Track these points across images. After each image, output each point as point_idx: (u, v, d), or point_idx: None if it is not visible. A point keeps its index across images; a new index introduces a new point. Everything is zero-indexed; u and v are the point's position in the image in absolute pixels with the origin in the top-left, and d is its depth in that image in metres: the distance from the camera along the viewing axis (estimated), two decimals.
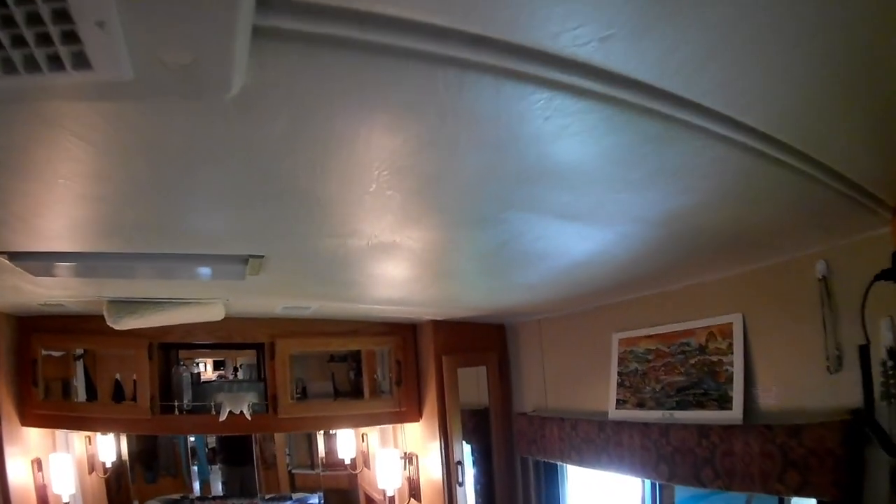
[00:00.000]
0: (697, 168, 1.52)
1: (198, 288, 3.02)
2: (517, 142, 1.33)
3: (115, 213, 1.69)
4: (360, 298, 3.46)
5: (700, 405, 2.87)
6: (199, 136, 1.21)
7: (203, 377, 5.33)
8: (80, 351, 4.43)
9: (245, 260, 2.18)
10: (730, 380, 2.74)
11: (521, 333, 4.56)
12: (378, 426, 5.00)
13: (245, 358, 5.51)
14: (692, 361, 2.96)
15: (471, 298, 3.57)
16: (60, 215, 1.70)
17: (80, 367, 4.49)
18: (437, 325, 4.45)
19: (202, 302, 3.40)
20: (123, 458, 5.05)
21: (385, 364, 4.96)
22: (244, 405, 4.36)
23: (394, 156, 1.37)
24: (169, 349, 4.63)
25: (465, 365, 4.51)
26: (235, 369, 5.60)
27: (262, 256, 2.19)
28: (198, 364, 5.40)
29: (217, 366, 5.69)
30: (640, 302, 3.38)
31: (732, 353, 2.76)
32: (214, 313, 3.65)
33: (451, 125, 1.23)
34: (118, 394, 4.54)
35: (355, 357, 5.27)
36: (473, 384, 4.60)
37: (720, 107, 1.21)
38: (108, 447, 4.85)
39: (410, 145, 1.31)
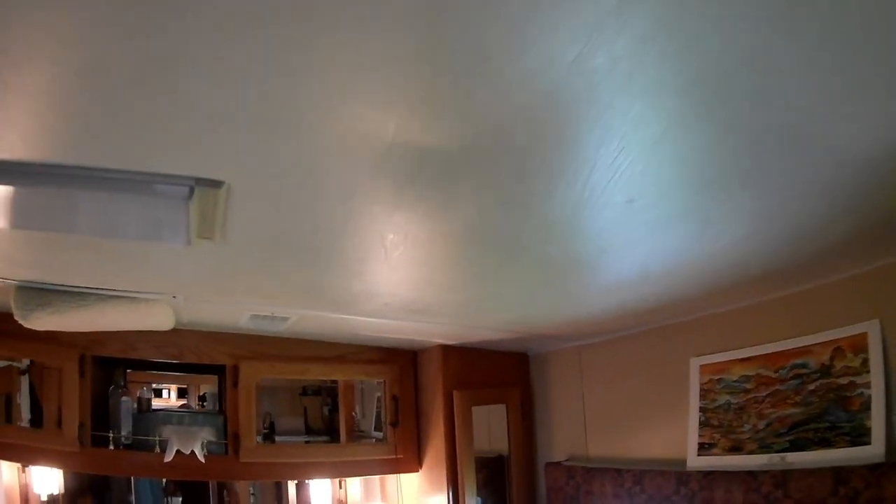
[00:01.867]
0: None
1: (130, 269, 2.14)
2: None
3: None
4: (358, 301, 2.57)
5: (825, 443, 2.32)
6: None
7: (154, 405, 4.33)
8: (25, 362, 3.52)
9: (191, 188, 1.28)
10: (866, 406, 2.23)
11: (550, 364, 3.80)
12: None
13: (210, 385, 4.54)
14: (811, 387, 2.42)
15: (507, 308, 2.71)
16: None
17: (24, 383, 3.57)
18: (447, 351, 3.64)
19: (140, 298, 2.48)
20: (62, 489, 4.01)
21: (364, 400, 4.26)
22: (196, 444, 3.44)
23: None
24: (113, 367, 3.70)
25: (480, 402, 3.70)
26: (202, 398, 4.62)
27: (221, 184, 1.29)
28: (150, 389, 4.40)
29: (181, 393, 4.71)
30: (728, 317, 2.75)
31: (868, 372, 2.22)
32: (160, 319, 2.78)
33: None
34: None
35: (330, 391, 4.46)
36: (483, 427, 3.83)
37: None
38: (48, 476, 3.82)
39: None
